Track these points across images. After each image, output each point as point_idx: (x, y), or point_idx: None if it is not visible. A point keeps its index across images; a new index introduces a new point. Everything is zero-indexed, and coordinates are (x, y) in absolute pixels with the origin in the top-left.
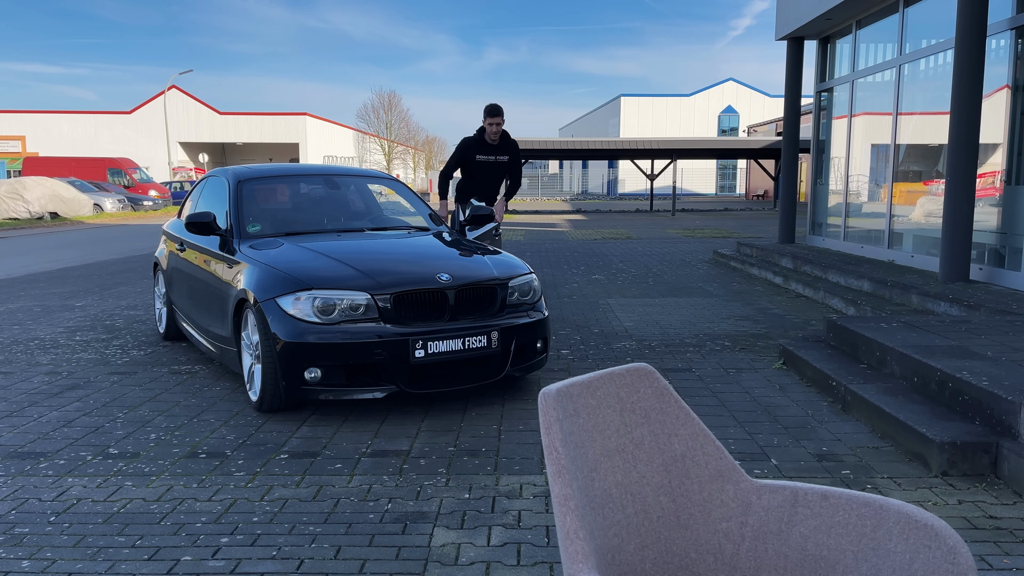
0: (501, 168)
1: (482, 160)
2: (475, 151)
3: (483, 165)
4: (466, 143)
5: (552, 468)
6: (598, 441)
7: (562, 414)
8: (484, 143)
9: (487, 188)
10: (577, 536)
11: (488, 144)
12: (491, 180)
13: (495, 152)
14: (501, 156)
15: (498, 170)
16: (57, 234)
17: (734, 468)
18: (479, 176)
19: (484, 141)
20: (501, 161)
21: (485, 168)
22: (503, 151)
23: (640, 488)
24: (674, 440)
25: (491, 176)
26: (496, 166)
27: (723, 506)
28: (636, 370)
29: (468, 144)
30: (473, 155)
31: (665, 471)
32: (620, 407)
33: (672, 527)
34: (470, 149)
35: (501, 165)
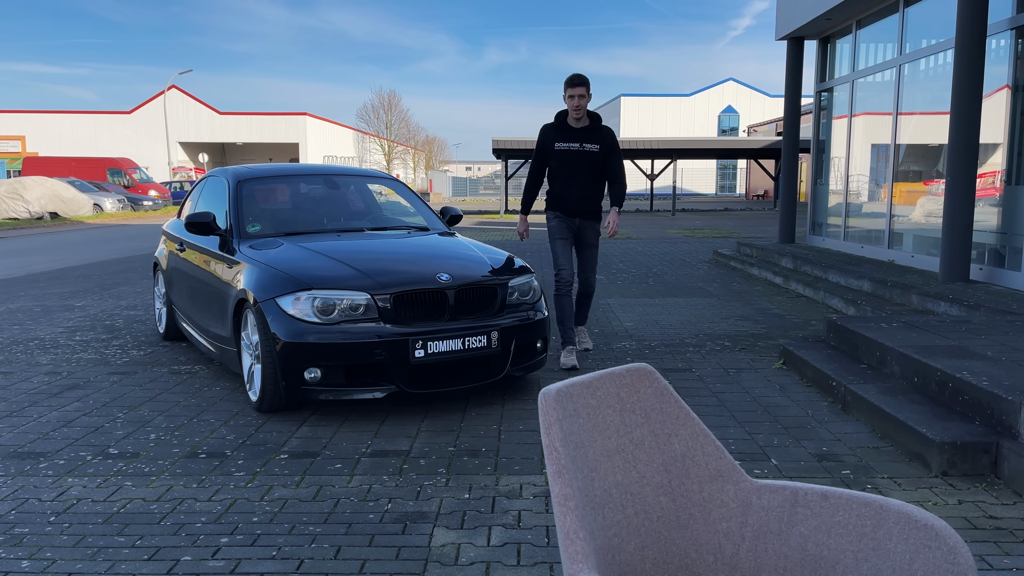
0: (591, 161)
1: (562, 149)
2: (553, 138)
3: (565, 156)
4: (544, 129)
5: (552, 468)
6: (598, 441)
7: (562, 414)
8: (564, 127)
9: (578, 189)
10: (577, 536)
11: (570, 128)
12: (579, 178)
13: (580, 138)
14: (589, 144)
15: (587, 163)
16: (57, 234)
17: (734, 468)
18: (563, 173)
19: (564, 125)
20: (589, 151)
21: (567, 160)
22: (592, 138)
23: (640, 488)
24: (674, 440)
25: (578, 172)
26: (583, 158)
27: (723, 506)
28: (636, 370)
29: (545, 130)
30: (552, 143)
31: (665, 471)
32: (620, 407)
33: (672, 527)
34: (547, 136)
35: (590, 157)
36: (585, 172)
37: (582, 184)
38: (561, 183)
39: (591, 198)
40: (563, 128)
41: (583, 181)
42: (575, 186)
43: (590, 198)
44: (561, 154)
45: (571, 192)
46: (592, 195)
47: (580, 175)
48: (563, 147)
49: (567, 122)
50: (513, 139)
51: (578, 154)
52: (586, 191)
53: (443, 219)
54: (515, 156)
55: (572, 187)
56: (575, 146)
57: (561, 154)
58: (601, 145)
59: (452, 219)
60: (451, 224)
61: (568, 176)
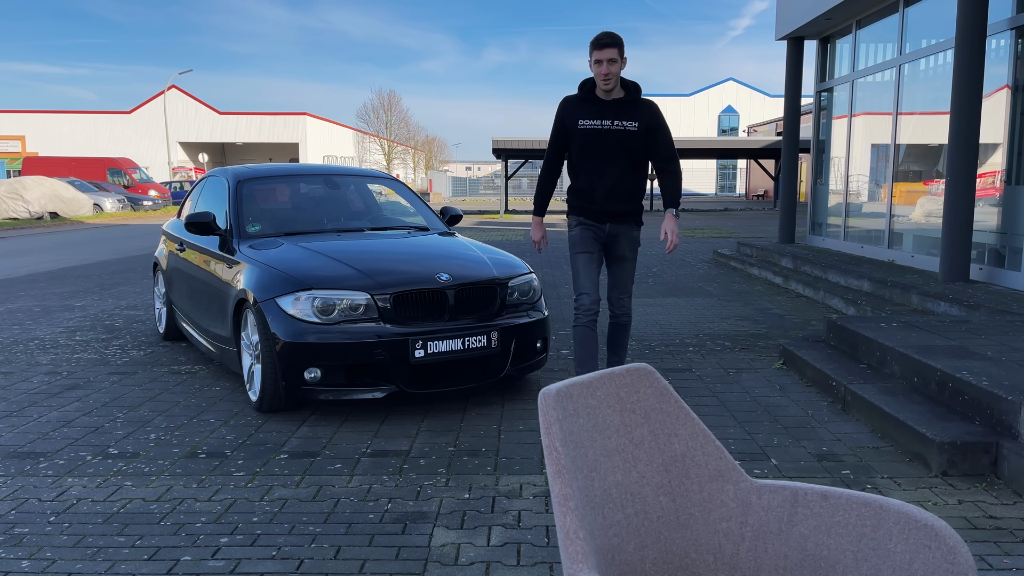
0: (627, 143)
1: (588, 128)
2: (575, 113)
3: (591, 138)
4: (564, 103)
5: (552, 468)
6: (598, 441)
7: (562, 414)
8: (591, 99)
9: (609, 181)
10: (577, 536)
11: (598, 101)
12: (611, 167)
13: (612, 114)
14: (625, 122)
15: (621, 146)
16: (57, 234)
17: (734, 468)
18: (588, 161)
19: (591, 96)
20: (626, 130)
21: (595, 142)
22: (628, 113)
23: (640, 488)
24: (674, 440)
25: (609, 159)
26: (615, 139)
27: (723, 506)
28: (636, 370)
29: (565, 104)
30: (574, 121)
31: (665, 471)
32: (620, 407)
33: (672, 527)
34: (567, 111)
35: (626, 138)
36: (619, 159)
37: (615, 175)
38: (586, 175)
39: (628, 194)
40: (589, 100)
41: (616, 171)
42: (605, 178)
43: (626, 194)
44: (586, 135)
45: (599, 186)
46: (629, 190)
47: (612, 163)
48: (589, 125)
49: (594, 93)
50: (513, 139)
51: (609, 134)
52: (620, 185)
53: (443, 219)
54: (515, 156)
55: (601, 179)
56: (605, 124)
57: (586, 135)
58: (640, 122)
59: (452, 219)
60: (451, 224)
61: (595, 165)
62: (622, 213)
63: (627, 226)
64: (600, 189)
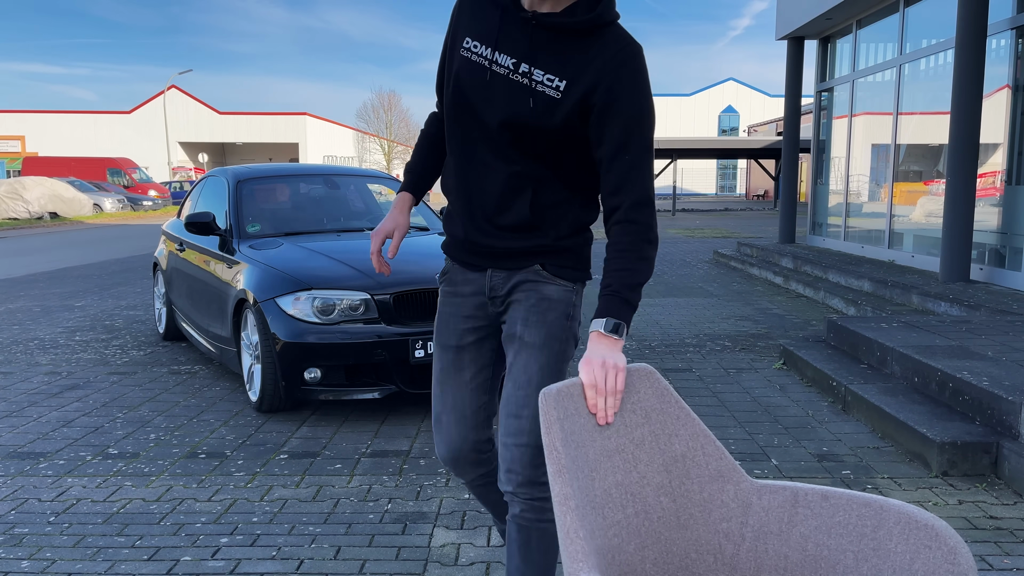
0: (532, 117)
1: (466, 62)
2: (466, 26)
3: (467, 84)
4: (457, 10)
5: (552, 467)
6: (598, 441)
7: (562, 414)
8: (500, 5)
9: (482, 183)
10: (577, 536)
11: (508, 10)
12: (491, 149)
13: (520, 46)
14: (539, 73)
15: (518, 117)
16: (57, 234)
17: (734, 468)
18: (455, 129)
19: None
20: (534, 89)
21: (469, 95)
22: (556, 54)
23: (641, 488)
24: (675, 440)
25: (486, 133)
26: (507, 96)
27: (723, 506)
28: (637, 370)
29: (455, 17)
30: (457, 39)
31: (666, 471)
32: (621, 407)
33: (672, 527)
34: (464, 16)
35: (537, 104)
36: (511, 142)
37: (503, 173)
38: (453, 167)
39: (531, 211)
40: (497, 4)
41: (504, 165)
42: (480, 177)
43: (527, 211)
44: (461, 77)
45: (468, 192)
46: (533, 204)
47: (494, 147)
48: (471, 54)
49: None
50: None
51: (494, 85)
52: (513, 192)
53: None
54: None
55: (472, 178)
56: (498, 62)
57: (461, 77)
58: (575, 82)
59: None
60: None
61: (465, 147)
62: (518, 251)
63: (530, 276)
64: (469, 198)
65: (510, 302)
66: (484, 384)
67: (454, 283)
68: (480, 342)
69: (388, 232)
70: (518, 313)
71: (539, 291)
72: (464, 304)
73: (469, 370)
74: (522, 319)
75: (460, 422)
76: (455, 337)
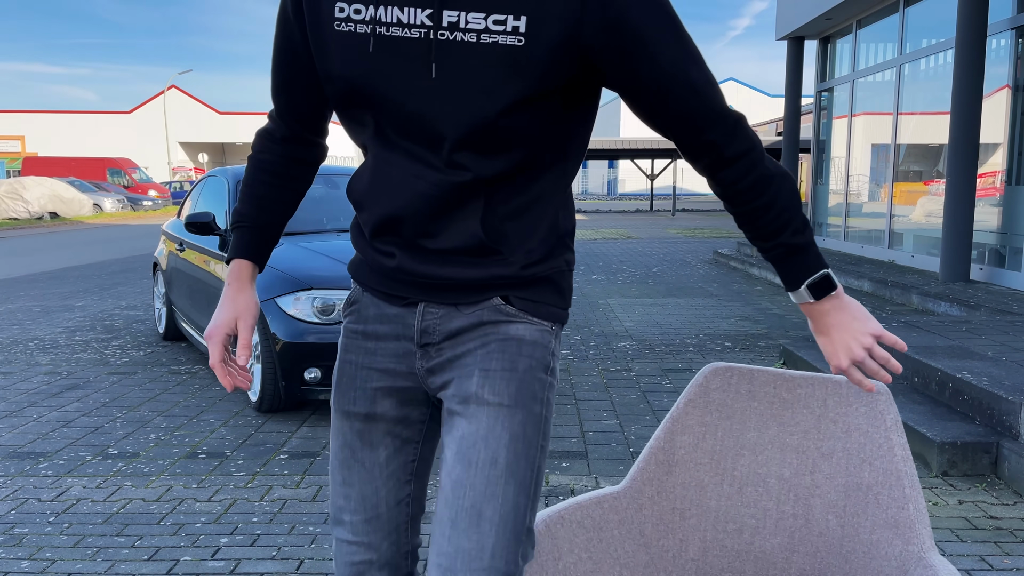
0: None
1: (356, 37)
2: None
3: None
4: None
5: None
6: (772, 428)
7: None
8: None
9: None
10: None
11: None
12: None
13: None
14: (491, 21)
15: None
16: (57, 234)
17: (910, 526)
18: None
19: None
20: (480, 42)
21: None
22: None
23: (808, 495)
24: (866, 468)
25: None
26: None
27: (884, 559)
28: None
29: None
30: (320, 21)
31: (844, 494)
32: (821, 413)
33: (833, 550)
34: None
35: (489, 63)
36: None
37: (434, 177)
38: (369, 161)
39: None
40: None
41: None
42: (405, 181)
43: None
44: (351, 58)
45: (390, 199)
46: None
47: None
48: (354, 26)
49: None
50: None
51: (420, 54)
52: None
53: None
54: None
55: (397, 181)
56: (407, 19)
57: (351, 58)
58: (542, 14)
59: None
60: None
61: (382, 139)
62: (467, 284)
63: (486, 315)
64: (387, 211)
65: (457, 353)
66: (407, 467)
67: (364, 319)
68: (402, 408)
69: (229, 326)
70: (472, 361)
71: (503, 330)
72: (379, 351)
73: (385, 447)
74: (480, 368)
75: (371, 524)
76: (364, 400)
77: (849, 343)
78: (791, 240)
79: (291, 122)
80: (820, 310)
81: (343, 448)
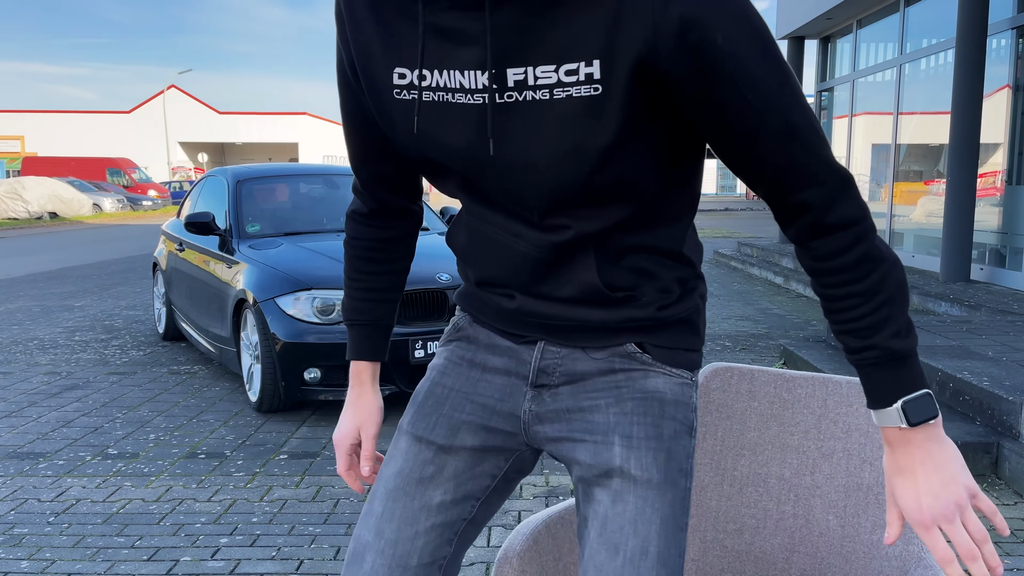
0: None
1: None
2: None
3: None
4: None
5: None
6: (773, 428)
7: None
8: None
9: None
10: None
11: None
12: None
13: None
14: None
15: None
16: (56, 234)
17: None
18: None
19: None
20: (553, 98)
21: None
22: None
23: (809, 495)
24: (866, 468)
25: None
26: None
27: (885, 559)
28: (854, 384)
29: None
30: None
31: (845, 494)
32: (821, 412)
33: (834, 550)
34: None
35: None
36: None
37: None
38: (464, 215)
39: (604, 274)
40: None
41: (545, 228)
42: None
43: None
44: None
45: (496, 261)
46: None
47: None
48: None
49: None
50: None
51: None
52: (563, 259)
53: (443, 219)
54: None
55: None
56: (469, 83)
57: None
58: (616, 42)
59: (452, 219)
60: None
61: (474, 198)
62: (597, 327)
63: (618, 362)
64: (496, 272)
65: (581, 406)
66: (455, 524)
67: (473, 346)
68: (482, 452)
69: (353, 436)
70: (605, 422)
71: (640, 384)
72: (483, 382)
73: (444, 492)
74: (621, 435)
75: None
76: (445, 429)
77: (939, 492)
78: (890, 343)
79: (379, 192)
80: (910, 440)
81: (397, 475)
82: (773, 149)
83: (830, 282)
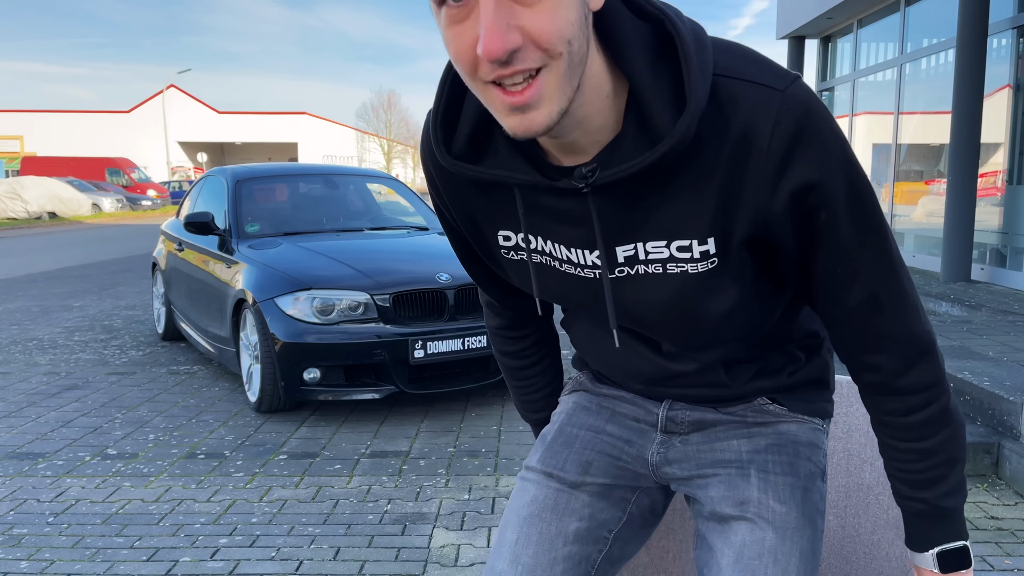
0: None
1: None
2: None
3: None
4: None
5: None
6: None
7: None
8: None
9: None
10: None
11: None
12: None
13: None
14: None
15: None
16: (55, 234)
17: None
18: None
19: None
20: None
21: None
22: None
23: None
24: (867, 468)
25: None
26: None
27: (886, 560)
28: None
29: (444, 186)
30: (481, 232)
31: (845, 495)
32: None
33: (834, 550)
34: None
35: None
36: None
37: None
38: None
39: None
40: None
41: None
42: (637, 363)
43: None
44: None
45: (625, 371)
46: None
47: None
48: (518, 256)
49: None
50: None
51: (586, 283)
52: (696, 374)
53: None
54: None
55: (627, 360)
56: (579, 259)
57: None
58: (727, 215)
59: None
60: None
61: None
62: (727, 397)
63: (750, 413)
64: (621, 377)
65: (712, 447)
66: (590, 557)
67: (598, 394)
68: (609, 490)
69: None
70: (738, 460)
71: (772, 428)
72: (613, 423)
73: (578, 518)
74: (757, 469)
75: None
76: (576, 466)
77: None
78: (940, 501)
79: (509, 301)
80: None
81: (531, 503)
82: (853, 313)
83: (893, 434)
